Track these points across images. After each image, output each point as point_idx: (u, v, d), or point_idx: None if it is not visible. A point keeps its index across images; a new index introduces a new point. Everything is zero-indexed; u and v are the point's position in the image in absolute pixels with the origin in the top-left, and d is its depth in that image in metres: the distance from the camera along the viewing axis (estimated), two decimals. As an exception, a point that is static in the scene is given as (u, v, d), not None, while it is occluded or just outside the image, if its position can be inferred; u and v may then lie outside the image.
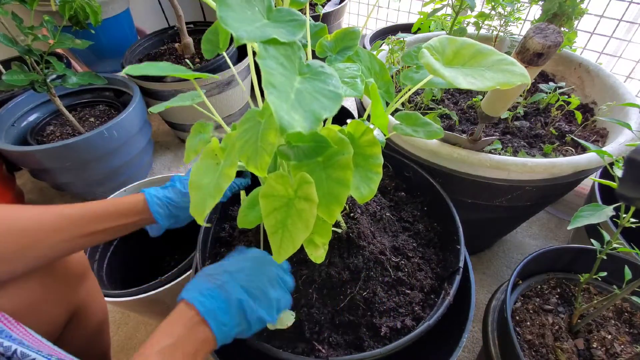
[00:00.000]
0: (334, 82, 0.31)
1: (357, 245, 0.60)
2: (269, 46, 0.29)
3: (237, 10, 0.30)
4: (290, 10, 0.32)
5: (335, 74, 0.31)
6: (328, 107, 0.28)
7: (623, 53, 1.30)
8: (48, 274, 0.56)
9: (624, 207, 0.57)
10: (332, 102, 0.29)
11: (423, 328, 0.53)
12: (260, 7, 0.32)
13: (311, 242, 0.44)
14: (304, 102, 0.28)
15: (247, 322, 0.46)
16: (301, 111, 0.27)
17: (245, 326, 0.46)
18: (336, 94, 0.30)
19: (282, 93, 0.27)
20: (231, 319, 0.44)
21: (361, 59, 0.49)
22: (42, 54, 1.05)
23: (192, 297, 0.44)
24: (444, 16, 1.21)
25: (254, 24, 0.30)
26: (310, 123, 0.26)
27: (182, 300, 0.44)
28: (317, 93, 0.29)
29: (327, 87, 0.30)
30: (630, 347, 0.66)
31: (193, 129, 0.50)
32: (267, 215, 0.39)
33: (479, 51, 0.38)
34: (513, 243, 1.23)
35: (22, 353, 0.42)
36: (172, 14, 1.55)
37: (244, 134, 0.36)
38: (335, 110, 0.29)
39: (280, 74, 0.29)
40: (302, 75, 0.31)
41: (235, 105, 1.55)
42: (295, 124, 0.25)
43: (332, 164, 0.40)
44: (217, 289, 0.45)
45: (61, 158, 1.14)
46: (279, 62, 0.29)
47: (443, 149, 0.75)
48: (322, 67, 0.32)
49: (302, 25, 0.31)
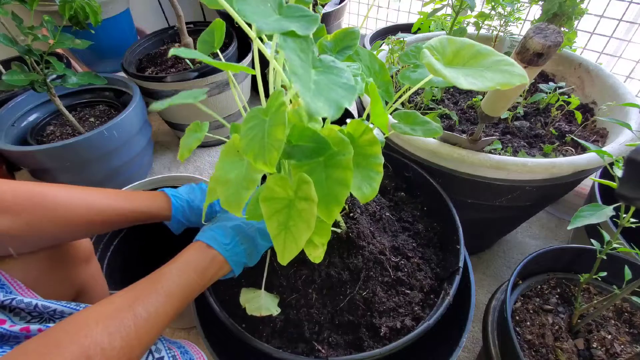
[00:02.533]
0: (347, 76, 0.32)
1: (357, 245, 0.60)
2: (288, 38, 0.31)
3: (253, 4, 0.31)
4: (300, 7, 0.33)
5: (347, 69, 0.33)
6: (346, 97, 0.30)
7: (623, 53, 1.30)
8: (56, 252, 0.59)
9: (624, 207, 0.57)
10: (349, 93, 0.30)
11: (423, 328, 0.53)
12: (272, 3, 0.33)
13: (310, 242, 0.44)
14: (323, 91, 0.29)
15: (250, 239, 0.53)
16: (323, 99, 0.28)
17: (250, 243, 0.53)
18: (350, 85, 0.31)
19: (305, 82, 0.29)
20: (232, 239, 0.52)
21: (361, 59, 0.49)
22: (42, 54, 1.05)
23: (205, 237, 0.51)
24: (444, 16, 1.21)
25: (269, 18, 0.31)
26: (334, 110, 0.28)
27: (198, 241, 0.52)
28: (333, 84, 0.31)
29: (341, 80, 0.31)
30: (630, 347, 0.66)
31: (188, 129, 0.50)
32: (268, 218, 0.39)
33: (479, 52, 0.38)
34: (513, 243, 1.23)
35: (43, 306, 0.47)
36: (172, 14, 1.55)
37: (248, 132, 0.36)
38: (353, 101, 0.30)
39: (300, 66, 0.30)
40: (315, 68, 0.33)
41: (235, 105, 1.55)
42: (321, 110, 0.27)
43: (333, 164, 0.40)
44: (212, 224, 0.54)
45: (61, 158, 1.14)
46: (297, 54, 0.31)
47: (443, 148, 0.75)
48: (333, 61, 0.33)
49: (316, 20, 0.32)
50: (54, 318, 0.49)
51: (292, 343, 0.56)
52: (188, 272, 0.47)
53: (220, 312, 0.56)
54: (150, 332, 0.41)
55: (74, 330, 0.36)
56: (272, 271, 0.61)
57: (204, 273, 0.48)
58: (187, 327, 1.04)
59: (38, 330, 0.44)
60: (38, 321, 0.48)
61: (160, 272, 0.46)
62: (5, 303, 0.45)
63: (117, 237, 1.04)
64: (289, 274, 0.60)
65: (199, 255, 0.49)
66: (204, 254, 0.50)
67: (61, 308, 0.49)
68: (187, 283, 0.46)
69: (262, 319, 0.57)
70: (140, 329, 0.39)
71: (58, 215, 0.49)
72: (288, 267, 0.60)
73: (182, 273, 0.46)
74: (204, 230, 0.54)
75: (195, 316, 0.64)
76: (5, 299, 0.45)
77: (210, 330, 0.62)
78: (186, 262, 0.48)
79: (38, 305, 0.47)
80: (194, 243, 0.51)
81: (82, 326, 0.37)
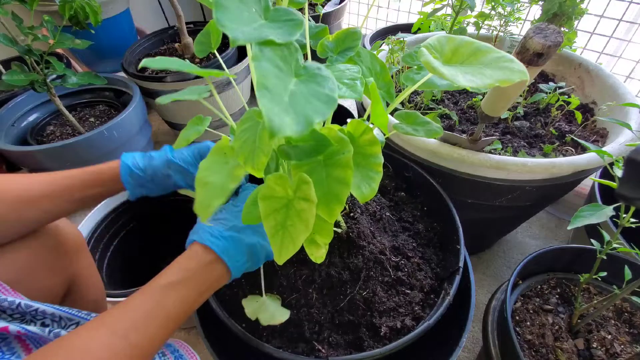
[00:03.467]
0: (330, 85, 0.30)
1: (357, 245, 0.60)
2: (264, 47, 0.29)
3: (234, 11, 0.29)
4: (287, 10, 0.32)
5: (331, 77, 0.31)
6: (321, 111, 0.27)
7: (623, 53, 1.30)
8: (40, 244, 0.58)
9: (624, 207, 0.57)
10: (326, 105, 0.28)
11: (423, 328, 0.53)
12: (257, 8, 0.31)
13: (313, 242, 0.44)
14: (297, 105, 0.27)
15: (256, 258, 0.49)
16: (293, 114, 0.26)
17: (254, 261, 0.49)
18: (331, 97, 0.29)
19: (275, 95, 0.27)
20: (243, 255, 0.47)
21: (362, 60, 0.49)
22: (42, 54, 1.05)
23: (204, 239, 0.46)
24: (444, 16, 1.21)
25: (251, 25, 0.30)
26: (302, 127, 0.26)
27: (194, 242, 0.47)
28: (311, 96, 0.28)
29: (322, 90, 0.29)
30: (630, 347, 0.66)
31: (190, 122, 0.50)
32: (266, 217, 0.39)
33: (478, 49, 0.38)
34: (513, 243, 1.22)
35: (26, 305, 0.45)
36: (172, 14, 1.55)
37: (242, 133, 0.36)
38: (328, 114, 0.28)
39: (275, 76, 0.28)
40: (298, 77, 0.31)
41: (235, 105, 1.55)
42: (285, 127, 0.25)
43: (333, 163, 0.39)
44: (226, 230, 0.47)
45: (61, 158, 1.14)
46: (275, 64, 0.29)
47: (443, 148, 0.75)
48: (318, 69, 0.31)
49: (300, 25, 0.31)
50: (35, 319, 0.48)
51: (292, 343, 0.56)
52: (187, 287, 0.43)
53: (220, 311, 0.56)
54: (146, 356, 0.39)
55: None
56: (273, 271, 0.61)
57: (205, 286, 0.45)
58: (187, 327, 1.04)
59: (17, 332, 0.43)
60: (19, 321, 0.46)
61: (158, 288, 0.42)
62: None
63: (117, 237, 1.04)
64: (289, 273, 0.60)
65: (206, 272, 0.45)
66: (212, 269, 0.45)
67: (44, 308, 0.47)
68: (187, 301, 0.43)
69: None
70: (135, 357, 0.37)
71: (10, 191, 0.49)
72: (288, 267, 0.60)
73: (182, 288, 0.43)
74: (211, 230, 0.48)
75: (195, 316, 0.63)
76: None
77: (210, 330, 0.62)
78: (189, 280, 0.43)
79: (21, 305, 0.45)
80: (201, 249, 0.46)
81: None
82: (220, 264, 0.45)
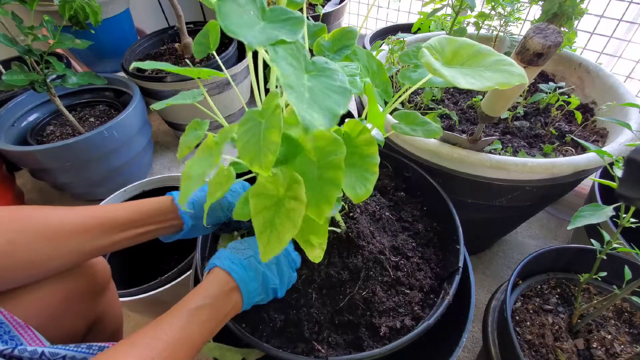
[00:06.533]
0: (341, 78, 0.31)
1: (357, 245, 0.60)
2: (278, 47, 0.30)
3: (235, 15, 0.30)
4: (283, 9, 0.32)
5: (340, 70, 0.32)
6: (340, 102, 0.29)
7: (623, 53, 1.30)
8: (74, 286, 0.55)
9: (624, 207, 0.57)
10: (342, 97, 0.29)
11: (422, 328, 0.53)
12: (254, 9, 0.32)
13: (308, 242, 0.43)
14: (317, 99, 0.28)
15: (266, 293, 0.50)
16: (317, 109, 0.27)
17: (263, 296, 0.51)
18: (345, 88, 0.30)
19: (299, 93, 0.28)
20: (257, 288, 0.49)
21: (359, 58, 0.49)
22: (42, 54, 1.05)
23: (226, 265, 0.47)
24: (444, 16, 1.21)
25: (254, 28, 0.30)
26: (329, 119, 0.27)
27: (216, 266, 0.48)
28: (327, 89, 0.30)
29: (335, 83, 0.31)
30: (630, 347, 0.66)
31: (188, 127, 0.50)
32: (256, 214, 0.39)
33: (478, 51, 0.38)
34: (513, 243, 1.22)
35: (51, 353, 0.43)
36: (172, 14, 1.55)
37: (244, 135, 0.36)
38: (347, 105, 0.29)
39: (293, 74, 0.29)
40: (308, 72, 0.32)
41: (235, 106, 1.55)
42: (315, 123, 0.26)
43: (325, 164, 0.39)
44: (246, 260, 0.49)
45: (61, 158, 1.14)
46: (289, 62, 0.30)
47: (443, 148, 0.75)
48: (326, 63, 0.32)
49: (301, 22, 0.31)
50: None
51: (291, 343, 0.56)
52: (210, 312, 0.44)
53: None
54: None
55: None
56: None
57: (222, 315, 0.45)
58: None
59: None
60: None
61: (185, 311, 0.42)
62: (5, 353, 0.40)
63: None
64: (289, 273, 0.60)
65: (226, 299, 0.46)
66: (230, 296, 0.46)
67: (71, 354, 0.44)
68: (208, 327, 0.43)
69: (262, 319, 0.57)
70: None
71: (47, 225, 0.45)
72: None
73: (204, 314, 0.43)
74: (232, 257, 0.49)
75: (195, 316, 0.63)
76: (4, 350, 0.40)
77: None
78: (211, 306, 0.44)
79: (45, 353, 0.42)
80: (223, 274, 0.47)
81: None
82: (237, 292, 0.47)
